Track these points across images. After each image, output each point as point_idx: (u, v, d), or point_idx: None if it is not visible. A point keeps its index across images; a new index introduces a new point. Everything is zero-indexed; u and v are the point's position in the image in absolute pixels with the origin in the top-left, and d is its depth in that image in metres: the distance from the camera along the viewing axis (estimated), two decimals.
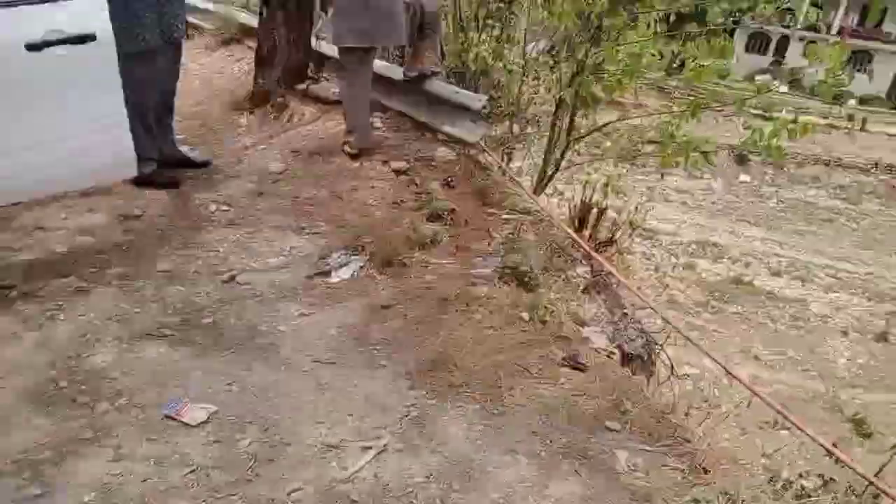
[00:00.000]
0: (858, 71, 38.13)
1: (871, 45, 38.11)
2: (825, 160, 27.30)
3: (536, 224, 3.91)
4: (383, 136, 4.76)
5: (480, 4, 6.33)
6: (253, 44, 5.74)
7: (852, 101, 34.91)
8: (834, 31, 37.04)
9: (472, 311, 3.04)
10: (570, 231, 3.72)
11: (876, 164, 27.68)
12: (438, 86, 4.62)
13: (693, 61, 5.41)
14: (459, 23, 6.48)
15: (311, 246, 3.57)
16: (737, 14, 5.31)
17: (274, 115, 5.30)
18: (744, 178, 25.46)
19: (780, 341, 15.42)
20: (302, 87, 5.33)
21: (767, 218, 22.96)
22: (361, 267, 3.37)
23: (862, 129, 30.81)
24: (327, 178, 4.29)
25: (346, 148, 4.44)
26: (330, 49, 4.79)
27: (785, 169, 26.74)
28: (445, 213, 3.82)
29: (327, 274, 3.32)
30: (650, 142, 6.64)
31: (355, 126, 4.38)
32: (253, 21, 6.18)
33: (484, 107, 4.27)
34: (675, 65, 6.08)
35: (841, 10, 36.21)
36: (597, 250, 3.87)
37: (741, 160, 24.66)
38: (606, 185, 6.14)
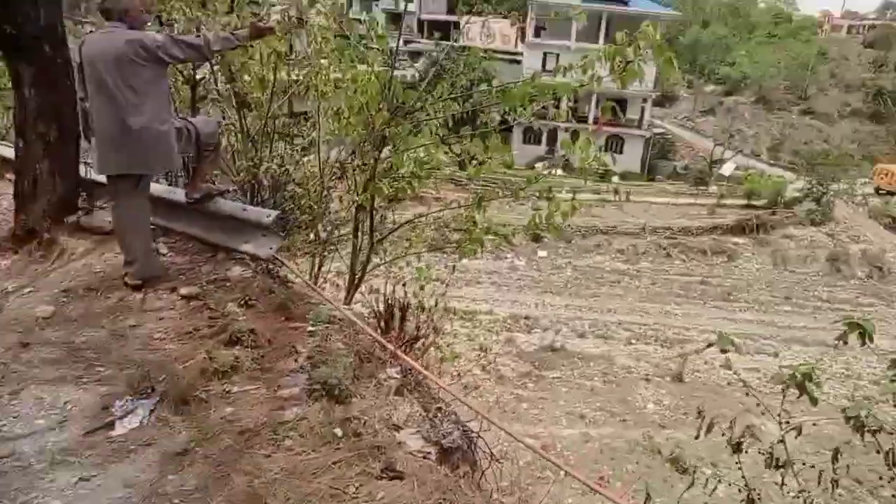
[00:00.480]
0: (615, 152, 44.82)
1: (620, 130, 45.18)
2: (603, 230, 31.18)
3: (344, 331, 3.87)
4: (170, 261, 4.47)
5: (268, 119, 6.40)
6: (13, 177, 5.17)
7: (616, 178, 40.73)
8: (591, 121, 43.53)
9: (282, 438, 2.86)
10: (375, 334, 3.74)
11: (643, 228, 32.22)
12: (226, 204, 4.51)
13: (472, 158, 5.97)
14: (249, 138, 6.47)
15: (89, 397, 3.15)
16: (508, 115, 5.93)
17: (41, 253, 4.74)
18: (541, 253, 28.07)
19: (597, 397, 16.67)
20: (72, 219, 4.86)
21: (566, 286, 25.34)
22: (152, 411, 3.03)
23: (627, 200, 35.93)
24: (107, 315, 3.88)
25: (128, 279, 4.08)
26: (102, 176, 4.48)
27: (573, 241, 30.01)
28: (245, 334, 3.63)
29: (110, 426, 2.94)
30: (456, 230, 7.04)
31: (135, 255, 4.07)
32: (10, 152, 5.60)
33: (274, 221, 4.22)
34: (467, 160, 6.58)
35: (593, 104, 42.67)
36: (406, 347, 3.92)
37: (536, 238, 27.19)
38: (417, 278, 6.37)
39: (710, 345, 4.38)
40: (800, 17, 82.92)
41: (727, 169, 42.90)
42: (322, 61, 6.17)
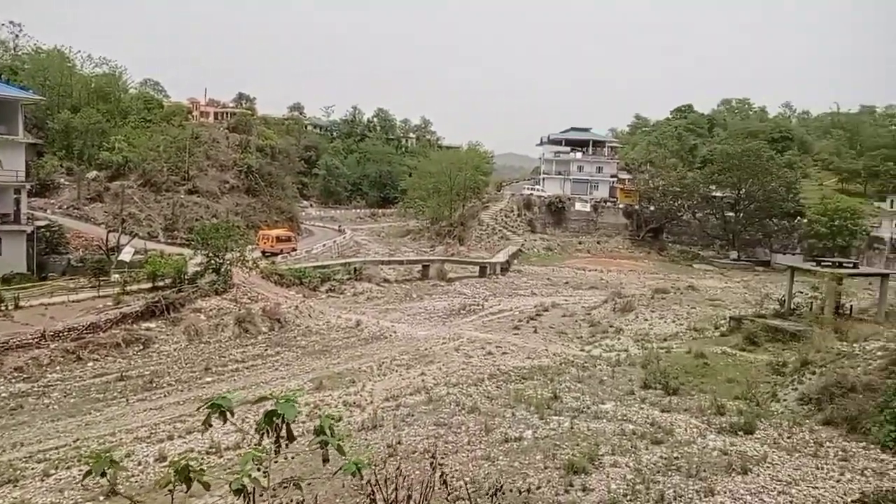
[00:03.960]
0: None
1: None
2: None
3: None
4: None
5: None
6: None
7: None
8: None
9: None
10: None
11: (43, 335, 28.14)
12: None
13: None
14: None
15: None
16: None
17: None
18: None
19: None
20: None
21: None
22: None
23: (17, 308, 30.74)
24: None
25: None
26: None
27: None
28: None
29: None
30: None
31: None
32: None
33: None
34: None
35: None
36: None
37: None
38: None
39: (87, 473, 4.00)
40: (170, 104, 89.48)
41: (126, 254, 42.09)
42: None
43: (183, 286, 36.59)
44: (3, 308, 30.35)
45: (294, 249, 58.60)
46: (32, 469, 17.82)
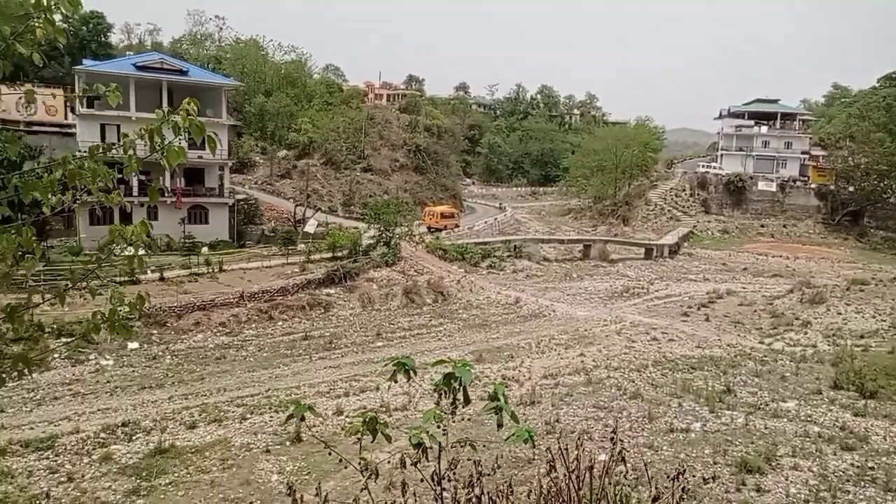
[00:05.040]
0: (200, 223, 43.67)
1: (202, 200, 44.23)
2: (200, 305, 29.81)
3: None
4: None
5: None
6: None
7: (205, 249, 39.60)
8: (168, 192, 41.38)
9: None
10: None
11: (242, 295, 31.93)
12: None
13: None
14: None
15: None
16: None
17: None
18: (132, 345, 25.15)
19: (218, 489, 15.57)
20: None
21: (167, 376, 23.22)
22: None
23: (221, 271, 35.23)
24: None
25: None
26: None
27: (168, 324, 27.82)
28: None
29: None
30: (15, 340, 5.62)
31: None
32: None
33: None
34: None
35: (167, 175, 40.58)
36: None
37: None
38: None
39: (289, 416, 4.49)
40: (349, 88, 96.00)
41: (311, 226, 46.18)
42: None
43: (358, 257, 39.43)
44: (210, 271, 34.86)
45: (457, 226, 60.29)
46: (233, 412, 20.40)
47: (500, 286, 41.98)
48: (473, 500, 4.06)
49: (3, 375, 5.25)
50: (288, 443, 18.13)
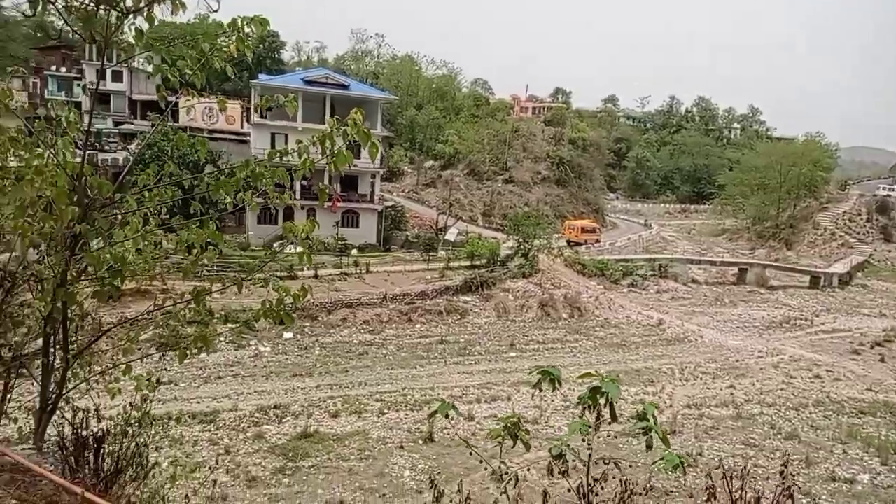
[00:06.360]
0: (351, 227, 46.41)
1: (354, 205, 47.01)
2: (347, 303, 31.66)
3: (17, 482, 3.20)
4: None
5: None
6: None
7: (355, 251, 42.03)
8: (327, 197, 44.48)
9: None
10: (56, 477, 3.17)
11: (384, 296, 33.47)
12: None
13: (189, 248, 5.58)
14: None
15: None
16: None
17: None
18: (287, 335, 27.29)
19: (355, 477, 16.41)
20: None
21: (315, 366, 24.91)
22: None
23: (367, 272, 37.17)
24: None
25: None
26: None
27: (319, 318, 29.84)
28: None
29: None
30: (189, 323, 6.42)
31: None
32: None
33: None
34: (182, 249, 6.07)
35: (327, 180, 43.61)
36: (104, 484, 3.38)
37: (280, 320, 26.41)
38: (137, 388, 5.60)
39: (433, 413, 4.65)
40: (495, 101, 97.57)
41: (451, 234, 47.35)
42: None
43: (495, 267, 39.75)
44: (358, 272, 36.91)
45: (598, 241, 58.67)
46: (371, 406, 21.41)
47: (642, 306, 40.17)
48: None
49: (186, 351, 5.94)
50: (421, 441, 18.69)
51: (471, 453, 5.78)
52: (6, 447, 3.48)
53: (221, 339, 25.19)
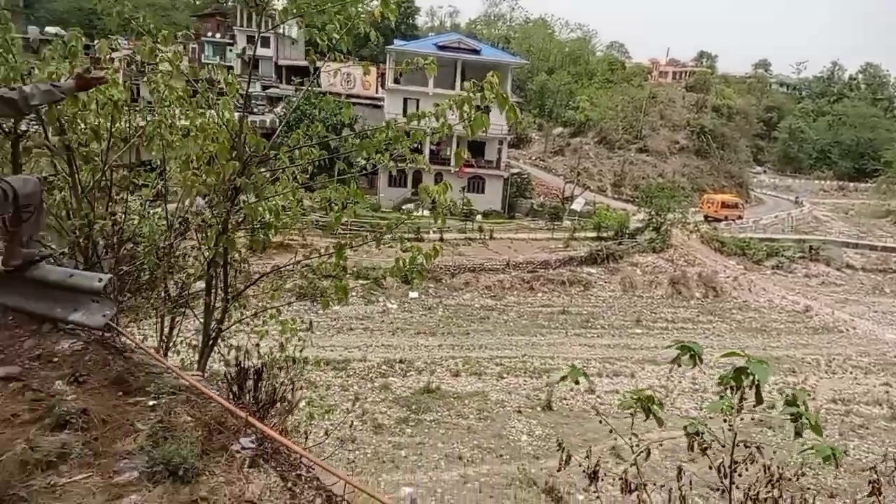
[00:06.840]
0: (477, 192, 46.66)
1: (480, 171, 47.14)
2: (471, 268, 32.09)
3: (191, 402, 3.58)
4: None
5: (104, 172, 5.90)
6: None
7: (479, 217, 42.33)
8: (452, 163, 45.08)
9: None
10: (224, 401, 3.50)
11: (507, 263, 33.55)
12: (52, 270, 4.06)
13: (330, 205, 5.91)
14: (83, 194, 5.95)
15: None
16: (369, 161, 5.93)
17: None
18: (413, 295, 28.27)
19: (473, 435, 16.84)
20: None
21: (439, 326, 25.64)
22: None
23: (491, 238, 37.37)
24: None
25: None
26: None
27: (443, 281, 30.56)
28: (75, 416, 3.24)
29: None
30: (325, 277, 6.83)
31: None
32: None
33: (108, 286, 3.86)
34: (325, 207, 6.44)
35: (454, 146, 44.15)
36: (262, 412, 3.70)
37: (407, 280, 27.40)
38: (282, 331, 6.11)
39: (563, 377, 4.59)
40: (632, 65, 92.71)
41: (578, 204, 46.19)
42: (167, 109, 5.87)
43: (623, 240, 38.36)
44: (482, 237, 37.22)
45: (740, 217, 54.59)
46: (491, 369, 21.75)
47: (787, 290, 37.07)
48: (770, 501, 3.70)
49: (329, 301, 6.30)
50: (539, 409, 18.75)
51: (601, 421, 5.69)
52: (182, 371, 3.89)
53: (353, 293, 26.65)
